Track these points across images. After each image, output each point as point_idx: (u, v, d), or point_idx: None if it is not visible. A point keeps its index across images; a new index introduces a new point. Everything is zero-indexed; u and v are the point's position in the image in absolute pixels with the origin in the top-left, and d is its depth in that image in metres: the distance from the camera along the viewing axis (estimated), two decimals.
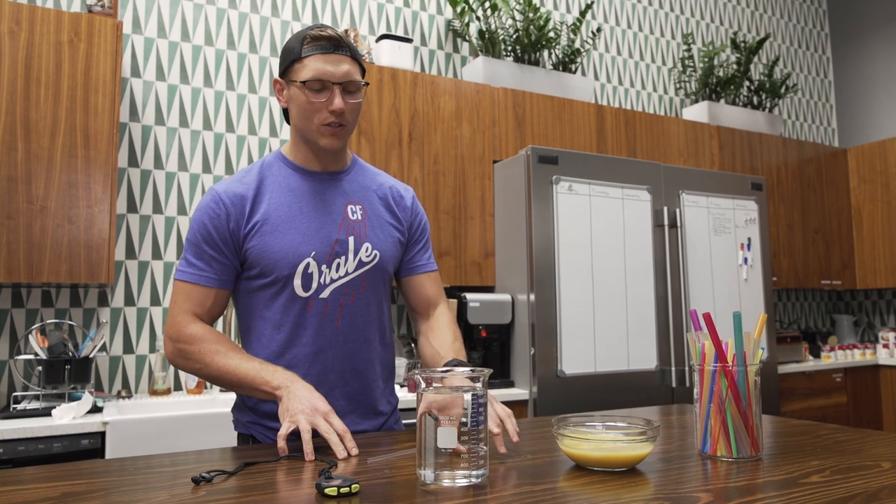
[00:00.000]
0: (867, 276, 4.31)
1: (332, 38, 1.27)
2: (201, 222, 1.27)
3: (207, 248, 1.27)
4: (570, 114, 3.30)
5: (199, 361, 1.24)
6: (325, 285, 1.30)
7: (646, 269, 2.93)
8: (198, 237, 1.27)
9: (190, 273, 1.27)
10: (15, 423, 1.96)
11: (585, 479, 0.91)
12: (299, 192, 1.33)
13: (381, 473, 0.95)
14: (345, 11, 3.23)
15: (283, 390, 1.16)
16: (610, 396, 2.75)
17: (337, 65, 1.26)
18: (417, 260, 1.47)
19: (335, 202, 1.34)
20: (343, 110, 1.27)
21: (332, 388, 1.30)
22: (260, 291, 1.30)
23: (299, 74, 1.27)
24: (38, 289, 2.50)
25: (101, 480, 0.92)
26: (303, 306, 1.29)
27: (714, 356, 1.05)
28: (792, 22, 5.02)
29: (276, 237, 1.27)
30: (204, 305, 1.28)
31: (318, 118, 1.28)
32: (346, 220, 1.34)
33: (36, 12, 2.28)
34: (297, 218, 1.30)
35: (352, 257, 1.32)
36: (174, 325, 1.26)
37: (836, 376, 3.80)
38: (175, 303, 1.28)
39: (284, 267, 1.27)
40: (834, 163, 4.39)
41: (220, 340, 1.25)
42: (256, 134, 2.95)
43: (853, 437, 1.19)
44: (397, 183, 1.49)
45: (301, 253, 1.28)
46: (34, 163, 2.25)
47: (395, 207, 1.43)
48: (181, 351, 1.26)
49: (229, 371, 1.21)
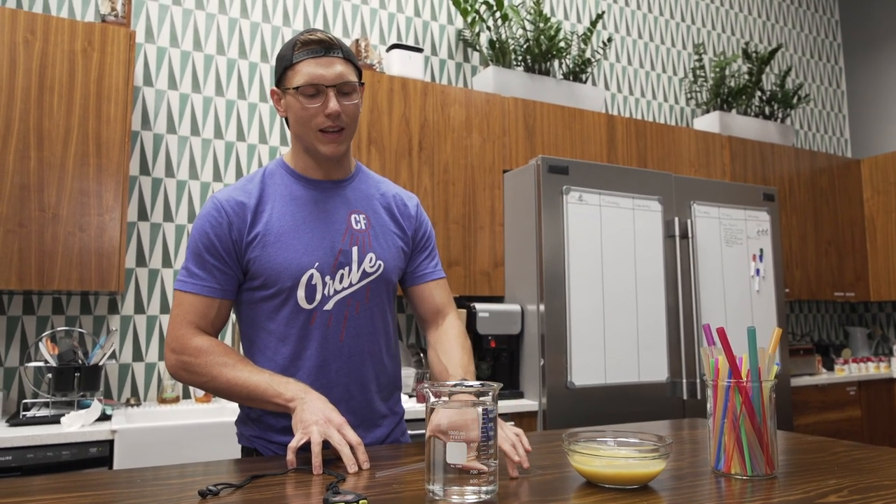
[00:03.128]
0: (881, 287, 4.26)
1: (322, 42, 1.24)
2: (203, 231, 1.24)
3: (209, 258, 1.24)
4: (581, 124, 3.29)
5: (205, 375, 1.21)
6: (329, 297, 1.27)
7: (657, 281, 2.90)
8: (199, 246, 1.24)
9: (192, 283, 1.24)
10: (24, 431, 1.96)
11: (596, 496, 0.90)
12: (302, 202, 1.30)
13: (390, 488, 0.94)
14: (356, 21, 3.24)
15: (296, 402, 1.14)
16: (620, 408, 2.72)
17: (329, 67, 1.23)
18: (424, 268, 1.45)
19: (338, 211, 1.32)
20: (339, 113, 1.24)
21: (338, 402, 1.26)
22: (263, 303, 1.27)
23: (292, 81, 1.25)
24: (49, 296, 2.51)
25: (108, 492, 0.92)
26: (307, 318, 1.26)
27: (728, 371, 1.04)
28: (804, 32, 4.99)
29: (279, 248, 1.25)
30: (207, 317, 1.25)
31: (315, 123, 1.25)
32: (350, 230, 1.31)
33: (50, 22, 2.30)
34: (301, 228, 1.27)
35: (356, 268, 1.30)
36: (177, 337, 1.23)
37: (849, 390, 3.75)
38: (177, 314, 1.24)
39: (287, 279, 1.24)
40: (847, 173, 4.36)
41: (227, 353, 1.23)
42: (267, 143, 2.96)
43: (870, 455, 1.17)
44: (401, 191, 1.46)
45: (304, 264, 1.25)
46: (47, 171, 2.26)
47: (398, 216, 1.41)
48: (185, 364, 1.22)
49: (239, 384, 1.19)
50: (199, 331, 1.24)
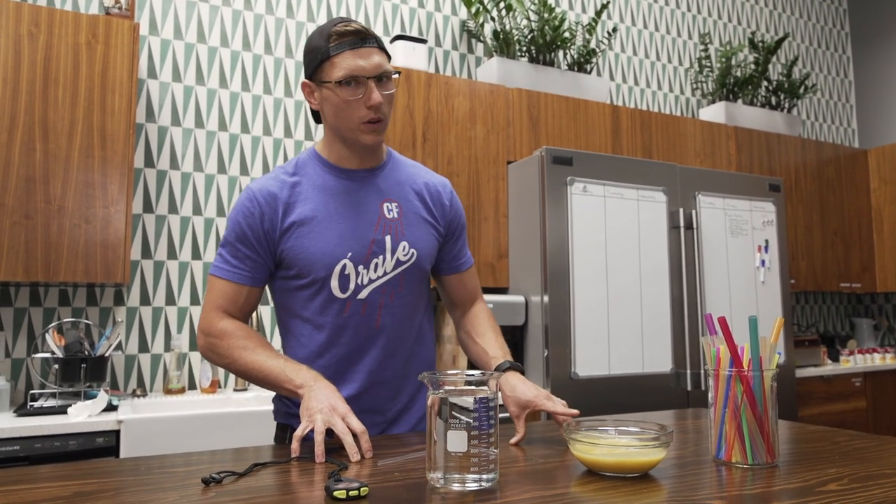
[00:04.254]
0: (888, 278, 4.24)
1: (358, 32, 1.24)
2: (236, 221, 1.28)
3: (242, 247, 1.27)
4: (586, 114, 3.28)
5: (227, 356, 1.25)
6: (363, 286, 1.29)
7: (661, 272, 2.90)
8: (233, 235, 1.28)
9: (224, 270, 1.28)
10: (32, 421, 1.98)
11: (597, 484, 0.90)
12: (334, 192, 1.31)
13: (391, 476, 0.94)
14: (359, 12, 3.23)
15: (305, 389, 1.16)
16: (624, 399, 2.73)
17: (368, 58, 1.23)
18: (460, 257, 1.47)
19: (371, 201, 1.33)
20: (381, 103, 1.25)
21: (373, 387, 1.31)
22: (298, 292, 1.30)
23: (331, 74, 1.24)
24: (56, 288, 2.53)
25: (113, 480, 0.93)
26: (341, 307, 1.28)
27: (729, 361, 1.04)
28: (811, 21, 4.95)
29: (312, 238, 1.27)
30: (236, 302, 1.28)
31: (357, 116, 1.26)
32: (383, 219, 1.32)
33: (54, 14, 2.31)
34: (333, 219, 1.29)
35: (389, 257, 1.31)
36: (206, 319, 1.28)
37: (855, 381, 3.74)
38: (209, 298, 1.29)
39: (321, 268, 1.26)
40: (854, 164, 4.33)
41: (248, 336, 1.26)
42: (271, 135, 2.96)
43: (872, 444, 1.17)
44: (434, 177, 1.46)
45: (337, 254, 1.27)
46: (52, 163, 2.27)
47: (431, 204, 1.41)
48: (211, 345, 1.27)
49: (255, 367, 1.22)
50: (226, 314, 1.28)
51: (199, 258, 2.77)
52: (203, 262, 2.77)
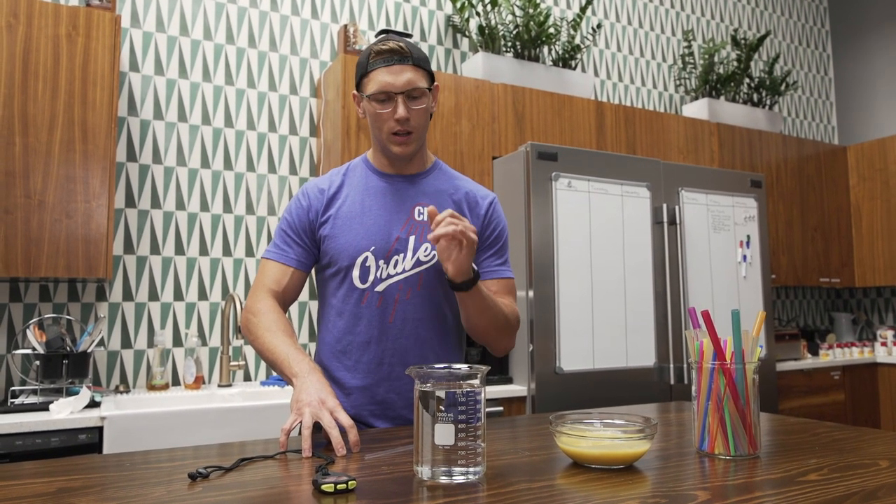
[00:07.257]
0: (866, 273, 4.31)
1: (393, 50, 1.34)
2: (289, 210, 1.45)
3: (290, 233, 1.43)
4: (570, 110, 3.29)
5: (254, 334, 1.35)
6: (381, 279, 1.37)
7: (645, 267, 2.92)
8: (285, 223, 1.44)
9: (273, 252, 1.43)
10: (12, 418, 1.96)
11: (583, 476, 0.91)
12: (373, 192, 1.43)
13: (379, 470, 0.95)
14: (344, 6, 3.21)
15: (298, 378, 1.21)
16: (608, 393, 2.75)
17: (398, 75, 1.33)
18: (487, 266, 1.45)
19: (404, 203, 1.42)
20: (407, 118, 1.35)
21: (383, 381, 1.36)
22: (328, 280, 1.42)
23: (367, 88, 1.36)
24: (36, 283, 2.50)
25: (97, 476, 0.92)
26: (359, 297, 1.38)
27: (712, 354, 1.05)
28: (793, 19, 5.00)
29: (344, 230, 1.39)
30: (280, 283, 1.40)
31: (388, 127, 1.37)
32: (411, 221, 1.41)
33: (34, 6, 2.27)
34: (366, 215, 1.40)
35: (410, 255, 1.38)
36: (251, 296, 1.40)
37: (834, 374, 3.80)
38: (257, 279, 1.43)
39: (346, 258, 1.38)
40: (833, 160, 4.39)
41: (276, 320, 1.34)
42: (255, 129, 2.94)
43: (851, 436, 1.19)
44: (478, 188, 1.52)
45: (361, 247, 1.37)
46: (32, 157, 2.24)
47: (467, 212, 1.46)
48: (248, 321, 1.37)
49: (269, 349, 1.30)
50: (269, 295, 1.39)
51: (183, 253, 2.74)
52: (186, 258, 2.75)
